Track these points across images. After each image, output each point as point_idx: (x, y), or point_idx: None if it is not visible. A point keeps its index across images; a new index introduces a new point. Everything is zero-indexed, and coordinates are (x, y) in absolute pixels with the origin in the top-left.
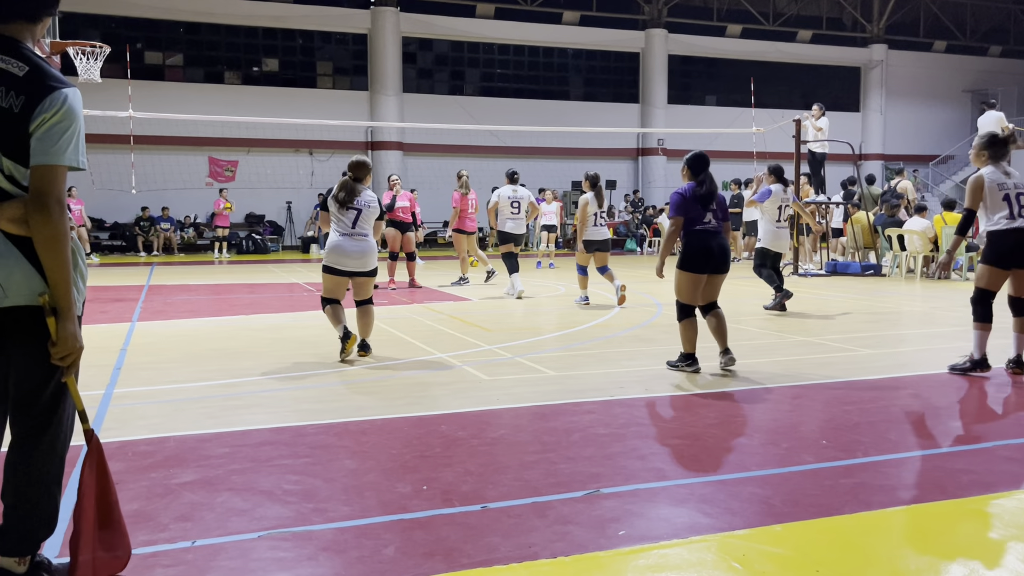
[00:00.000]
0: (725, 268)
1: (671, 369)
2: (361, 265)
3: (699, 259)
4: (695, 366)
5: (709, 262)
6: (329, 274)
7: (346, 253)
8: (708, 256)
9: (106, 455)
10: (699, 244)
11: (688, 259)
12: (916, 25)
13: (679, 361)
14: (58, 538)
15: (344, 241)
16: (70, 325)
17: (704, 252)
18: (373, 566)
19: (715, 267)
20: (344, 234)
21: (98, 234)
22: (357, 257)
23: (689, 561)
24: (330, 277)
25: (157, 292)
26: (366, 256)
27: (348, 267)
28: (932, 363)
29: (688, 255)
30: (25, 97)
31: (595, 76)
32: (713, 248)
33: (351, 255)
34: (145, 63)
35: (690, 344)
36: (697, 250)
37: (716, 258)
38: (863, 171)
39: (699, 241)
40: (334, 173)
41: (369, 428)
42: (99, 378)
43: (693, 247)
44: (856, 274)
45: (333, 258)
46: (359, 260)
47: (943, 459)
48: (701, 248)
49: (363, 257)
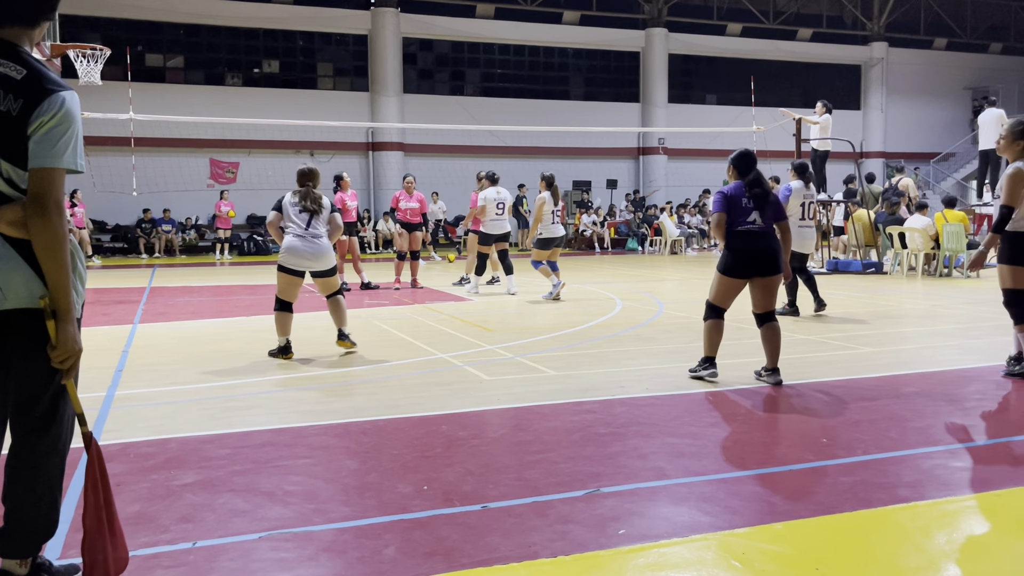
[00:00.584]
0: (772, 270)
1: (694, 377)
2: (316, 264)
3: (738, 263)
4: (712, 369)
5: (749, 266)
6: (283, 273)
7: (300, 253)
8: (749, 260)
9: (108, 457)
10: (739, 247)
11: (729, 263)
12: (916, 22)
13: (699, 366)
14: (59, 540)
15: (298, 242)
16: (70, 328)
17: (744, 256)
18: (374, 566)
19: (758, 271)
20: (298, 235)
21: (100, 236)
22: (310, 257)
23: (689, 560)
24: (284, 276)
25: (159, 294)
26: (319, 256)
27: (302, 267)
28: (933, 361)
29: (729, 258)
30: (23, 100)
31: (595, 76)
32: (755, 251)
33: (305, 255)
34: (146, 65)
35: (712, 347)
36: (737, 253)
37: (759, 262)
38: (864, 169)
39: (740, 244)
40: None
41: (370, 428)
42: (101, 380)
43: (735, 250)
44: (857, 272)
45: (287, 258)
46: (313, 260)
47: (943, 457)
48: (741, 251)
49: (316, 257)
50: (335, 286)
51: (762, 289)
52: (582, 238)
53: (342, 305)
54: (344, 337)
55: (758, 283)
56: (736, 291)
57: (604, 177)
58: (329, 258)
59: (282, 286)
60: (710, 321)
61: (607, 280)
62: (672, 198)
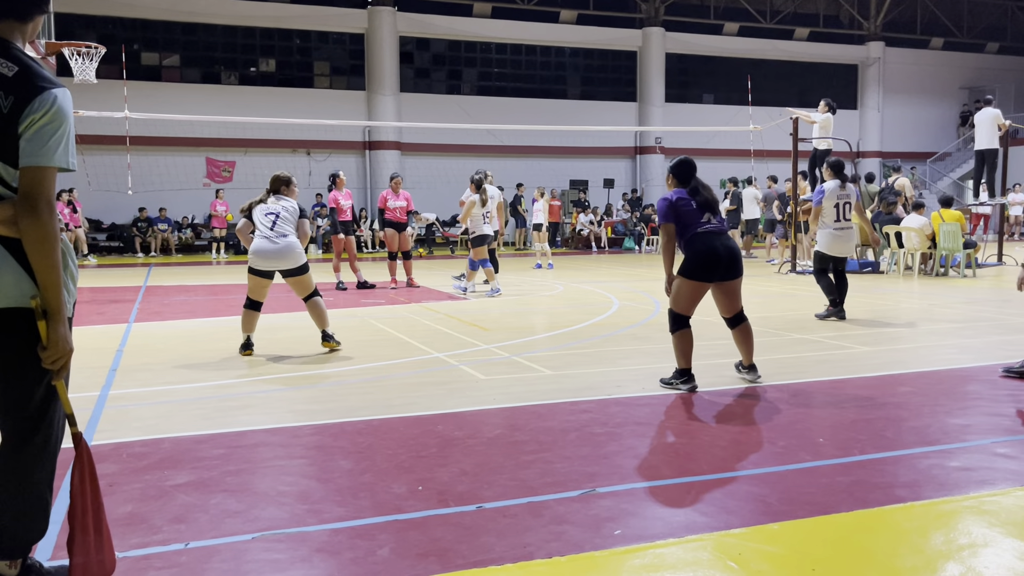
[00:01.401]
0: (736, 272)
1: (665, 387)
2: (282, 263)
3: (704, 265)
4: (692, 383)
5: (716, 268)
6: (252, 275)
7: (265, 254)
8: (715, 261)
9: (101, 457)
10: (703, 247)
11: (692, 265)
12: (913, 22)
13: (673, 378)
14: (50, 541)
15: (263, 243)
16: (61, 328)
17: (710, 256)
18: (367, 567)
19: (724, 273)
20: (264, 236)
21: (95, 235)
22: (276, 256)
23: (685, 560)
24: (252, 277)
25: (154, 293)
26: (285, 254)
27: (269, 267)
28: (929, 360)
29: (692, 260)
30: (14, 98)
31: (592, 75)
32: (719, 250)
33: (270, 255)
34: (142, 64)
35: (685, 358)
36: (702, 254)
37: (724, 262)
38: (861, 168)
39: (703, 244)
40: (330, 173)
41: (365, 428)
42: (94, 379)
43: (697, 251)
44: (854, 271)
45: (254, 260)
46: (278, 259)
47: (940, 456)
48: (706, 251)
49: (282, 255)
50: (309, 287)
51: (726, 294)
52: (579, 237)
53: (321, 306)
54: (328, 338)
55: (722, 288)
56: (700, 296)
57: (601, 176)
58: (296, 256)
59: (251, 286)
60: (679, 332)
61: (604, 279)
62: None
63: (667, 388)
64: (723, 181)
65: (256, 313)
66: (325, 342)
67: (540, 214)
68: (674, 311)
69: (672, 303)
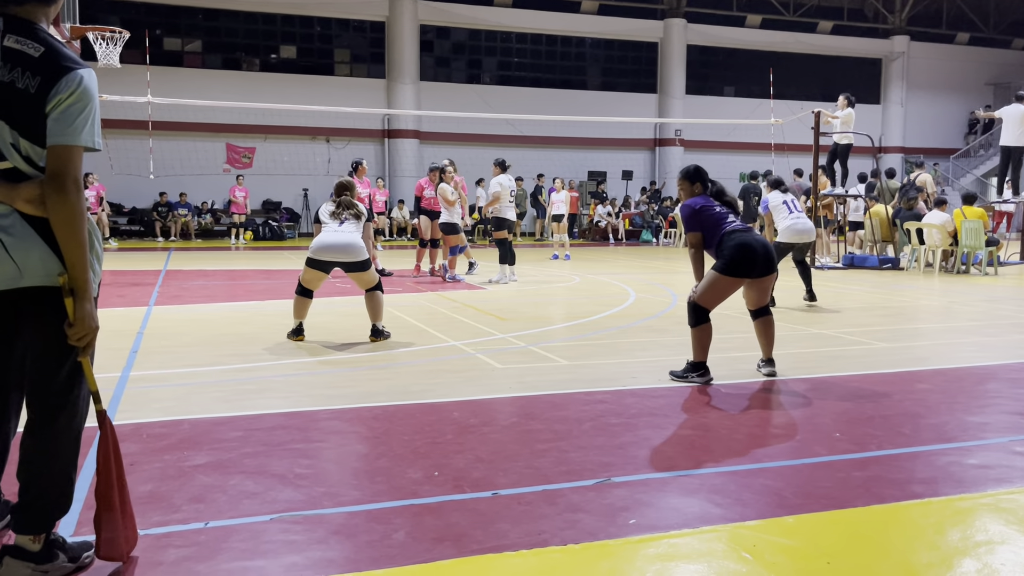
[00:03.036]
0: (772, 268)
1: (677, 380)
2: (345, 256)
3: (743, 262)
4: (707, 376)
5: (755, 264)
6: (309, 266)
7: (329, 246)
8: (753, 257)
9: (122, 437)
10: (740, 244)
11: (730, 262)
12: (939, 17)
13: (687, 371)
14: (73, 516)
15: (329, 236)
16: (87, 305)
17: (748, 252)
18: (383, 550)
19: (761, 270)
20: (331, 230)
21: (116, 219)
22: (339, 249)
23: (699, 551)
24: (309, 269)
25: (174, 277)
26: (349, 248)
27: (330, 258)
28: (948, 358)
29: (730, 258)
30: (41, 78)
31: (613, 66)
32: (756, 247)
33: (334, 248)
34: (164, 49)
35: (703, 351)
36: (740, 251)
37: (761, 258)
38: (883, 164)
39: (738, 241)
40: (351, 161)
41: (381, 414)
42: (115, 361)
43: (734, 248)
44: (873, 267)
45: (316, 251)
46: (342, 252)
47: (958, 454)
48: (744, 248)
49: (346, 249)
50: (372, 281)
51: (759, 290)
52: (596, 229)
53: (379, 300)
54: (377, 333)
55: (756, 284)
56: (732, 292)
57: (620, 168)
58: (360, 251)
59: (307, 277)
60: (701, 326)
61: (621, 271)
62: None
63: (679, 381)
64: (743, 175)
65: (308, 300)
66: (373, 336)
67: (561, 205)
68: (699, 304)
69: (699, 297)
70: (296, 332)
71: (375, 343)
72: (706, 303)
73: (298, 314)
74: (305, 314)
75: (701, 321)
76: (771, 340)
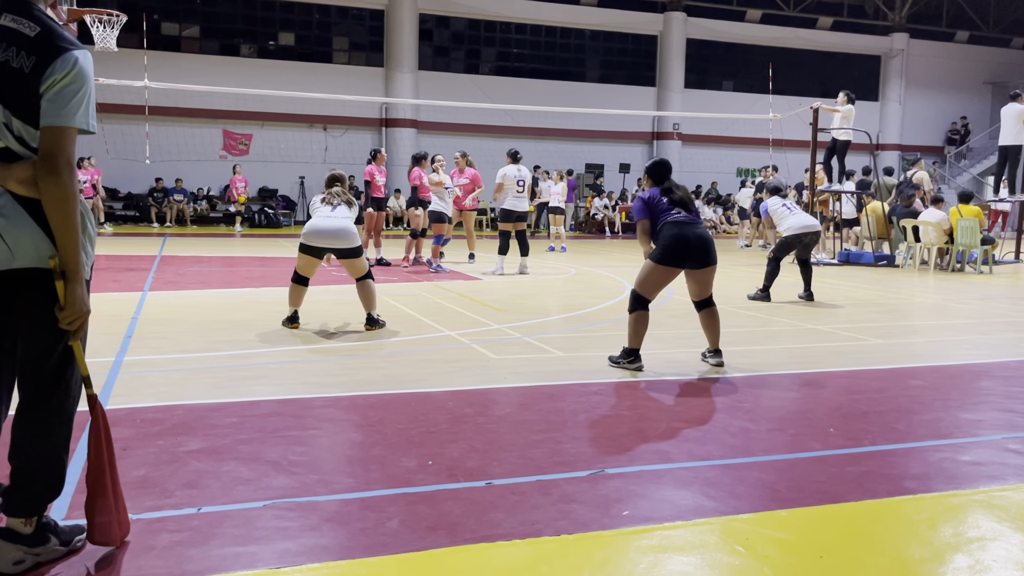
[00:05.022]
0: (709, 261)
1: (612, 366)
2: (337, 242)
3: (675, 251)
4: (638, 363)
5: (687, 255)
6: (303, 252)
7: (321, 231)
8: (685, 248)
9: (115, 421)
10: (673, 233)
11: (662, 251)
12: (939, 15)
13: (621, 357)
14: (65, 500)
15: (321, 221)
16: (78, 288)
17: (680, 243)
18: (376, 538)
19: (696, 261)
20: (322, 216)
21: (112, 204)
22: (331, 235)
23: (692, 543)
24: (303, 256)
25: (169, 263)
26: (341, 234)
27: (322, 243)
28: (943, 355)
29: (662, 247)
30: (36, 58)
31: (612, 58)
32: (690, 238)
33: (325, 233)
34: (162, 34)
35: (638, 339)
36: (672, 241)
37: (695, 249)
38: (880, 161)
39: (673, 230)
40: (348, 149)
41: (376, 403)
42: (110, 345)
43: (669, 239)
44: (869, 264)
45: (307, 236)
46: (334, 238)
47: (950, 450)
48: (676, 238)
49: (338, 235)
50: (363, 268)
51: (698, 281)
52: (593, 222)
53: (371, 288)
54: (373, 322)
55: (694, 275)
56: (667, 281)
57: (617, 161)
58: (352, 238)
59: (301, 263)
60: (638, 313)
61: (617, 264)
62: (685, 184)
63: (614, 366)
64: (750, 171)
65: (303, 288)
66: (368, 325)
67: (558, 197)
68: (638, 293)
69: (638, 285)
70: (291, 320)
71: (370, 331)
72: (644, 292)
73: (293, 302)
74: (300, 302)
75: (637, 308)
76: (716, 331)
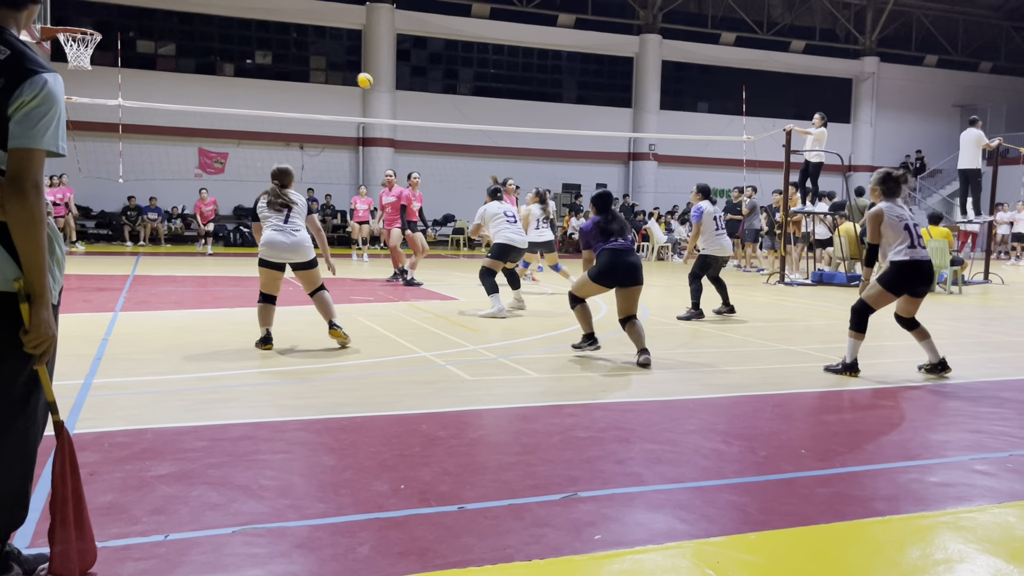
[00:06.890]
0: (633, 282)
1: (576, 350)
2: (294, 256)
3: (606, 274)
4: (596, 344)
5: (616, 278)
6: (263, 267)
7: (278, 246)
8: (614, 272)
9: (83, 445)
10: (608, 260)
11: (600, 272)
12: (908, 39)
13: (583, 343)
14: (29, 528)
15: (276, 235)
16: (44, 312)
17: (612, 268)
18: (347, 564)
19: (621, 281)
20: (276, 229)
21: (84, 222)
22: (288, 249)
23: (663, 567)
24: (264, 271)
25: (142, 282)
26: (297, 248)
27: (280, 259)
28: (912, 376)
29: (600, 270)
30: (4, 80)
31: (588, 79)
32: (620, 265)
33: (282, 247)
34: (137, 52)
35: (588, 324)
36: (608, 266)
37: (622, 273)
38: (852, 182)
39: (608, 257)
40: (325, 168)
41: (349, 425)
42: (79, 367)
43: (602, 263)
44: (842, 284)
45: (265, 251)
46: (291, 252)
47: (919, 471)
48: (609, 264)
49: (294, 249)
50: (317, 281)
51: (625, 298)
52: (570, 241)
53: (327, 299)
54: (336, 327)
55: (622, 293)
56: (597, 292)
57: (594, 181)
58: (307, 251)
59: (264, 280)
60: (579, 306)
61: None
62: (661, 204)
63: (578, 351)
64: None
65: (272, 307)
66: (333, 331)
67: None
68: (575, 295)
69: (575, 290)
70: (264, 341)
71: (342, 348)
72: (579, 294)
73: (263, 321)
74: (271, 321)
75: (575, 304)
76: (641, 337)
